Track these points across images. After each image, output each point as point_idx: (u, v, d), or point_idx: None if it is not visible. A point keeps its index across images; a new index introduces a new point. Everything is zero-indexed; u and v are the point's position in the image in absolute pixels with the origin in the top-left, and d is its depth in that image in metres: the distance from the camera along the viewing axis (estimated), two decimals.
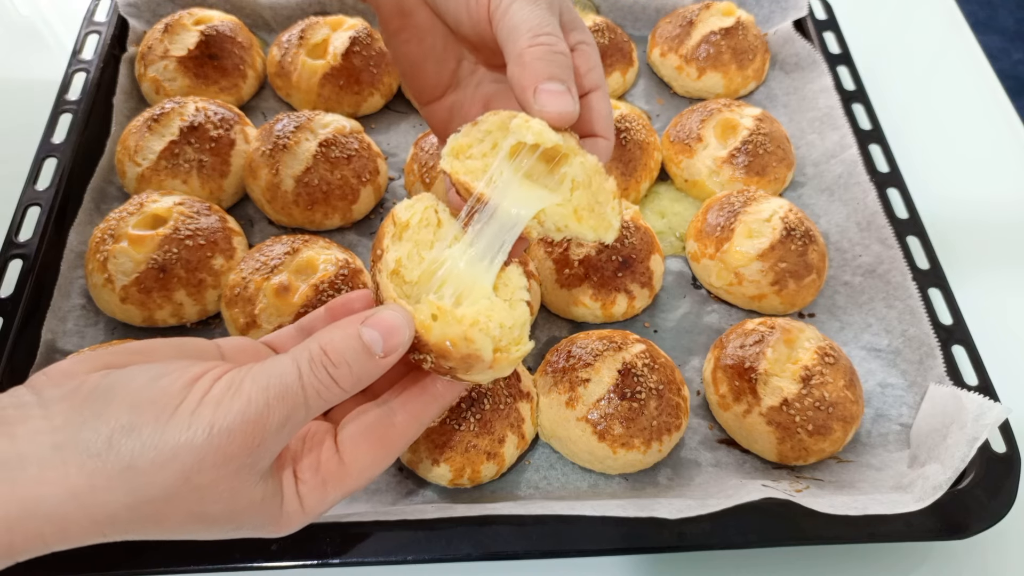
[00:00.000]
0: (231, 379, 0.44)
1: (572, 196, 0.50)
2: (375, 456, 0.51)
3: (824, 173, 0.99)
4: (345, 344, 0.46)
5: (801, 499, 0.68)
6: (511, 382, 0.75)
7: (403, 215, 0.51)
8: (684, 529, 0.66)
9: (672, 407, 0.75)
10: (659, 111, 1.10)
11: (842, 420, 0.75)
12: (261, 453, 0.44)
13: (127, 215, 0.83)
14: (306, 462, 0.50)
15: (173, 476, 0.42)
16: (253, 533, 0.49)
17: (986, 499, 0.69)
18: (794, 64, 1.09)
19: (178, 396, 0.43)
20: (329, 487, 0.50)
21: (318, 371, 0.45)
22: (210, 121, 0.92)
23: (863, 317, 0.88)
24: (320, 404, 0.46)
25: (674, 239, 0.97)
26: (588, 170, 0.50)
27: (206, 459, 0.43)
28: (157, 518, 0.44)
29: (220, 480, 0.44)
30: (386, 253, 0.50)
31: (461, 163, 0.51)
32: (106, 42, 1.03)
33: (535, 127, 0.48)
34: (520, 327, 0.49)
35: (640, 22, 1.17)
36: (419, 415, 0.52)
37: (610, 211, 0.50)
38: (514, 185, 0.50)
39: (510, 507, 0.68)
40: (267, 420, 0.44)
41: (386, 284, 0.49)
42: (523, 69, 0.49)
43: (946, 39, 1.25)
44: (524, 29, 0.50)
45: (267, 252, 0.82)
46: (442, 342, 0.46)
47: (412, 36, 0.60)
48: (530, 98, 0.49)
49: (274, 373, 0.45)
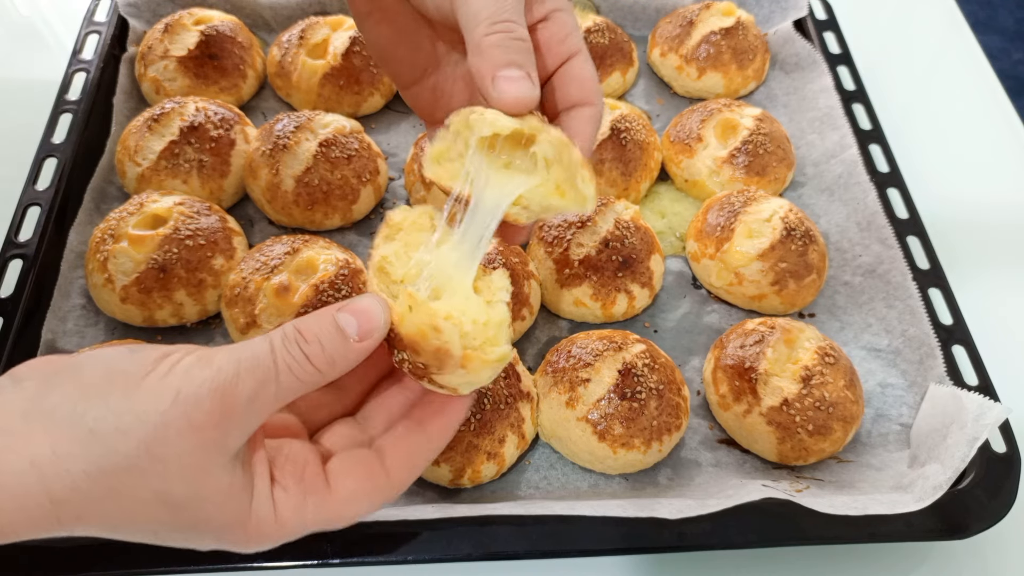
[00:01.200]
0: (203, 353, 0.44)
1: (549, 173, 0.49)
2: (363, 488, 0.48)
3: (824, 173, 0.99)
4: (318, 324, 0.45)
5: (801, 499, 0.68)
6: (511, 382, 0.75)
7: (396, 217, 0.52)
8: (684, 529, 0.66)
9: (672, 407, 0.75)
10: (659, 111, 1.10)
11: (842, 420, 0.75)
12: (229, 427, 0.42)
13: (127, 215, 0.83)
14: (288, 468, 0.47)
15: (135, 443, 0.40)
16: (217, 538, 0.46)
17: (986, 499, 0.69)
18: (794, 64, 1.09)
19: (150, 366, 0.42)
20: (309, 504, 0.47)
21: (291, 347, 0.44)
22: (210, 121, 0.92)
23: (863, 317, 0.88)
24: (292, 381, 0.44)
25: (674, 239, 0.97)
26: (556, 144, 0.49)
27: (170, 425, 0.41)
28: (117, 495, 0.41)
29: (184, 453, 0.41)
30: (375, 251, 0.51)
31: (442, 167, 0.51)
32: (106, 42, 1.03)
33: (488, 118, 0.48)
34: (496, 327, 0.48)
35: (640, 22, 1.17)
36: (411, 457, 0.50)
37: (580, 181, 0.49)
38: (491, 177, 0.50)
39: (510, 507, 0.68)
40: (236, 390, 0.42)
41: (371, 280, 0.50)
42: (481, 57, 0.48)
43: (946, 39, 1.25)
44: (483, 16, 0.49)
45: (267, 252, 0.82)
46: (414, 334, 0.46)
47: (382, 18, 0.59)
48: (488, 86, 0.48)
49: (247, 347, 0.44)
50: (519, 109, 0.48)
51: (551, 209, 0.50)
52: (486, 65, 0.48)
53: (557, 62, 0.52)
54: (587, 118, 0.52)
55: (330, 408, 0.53)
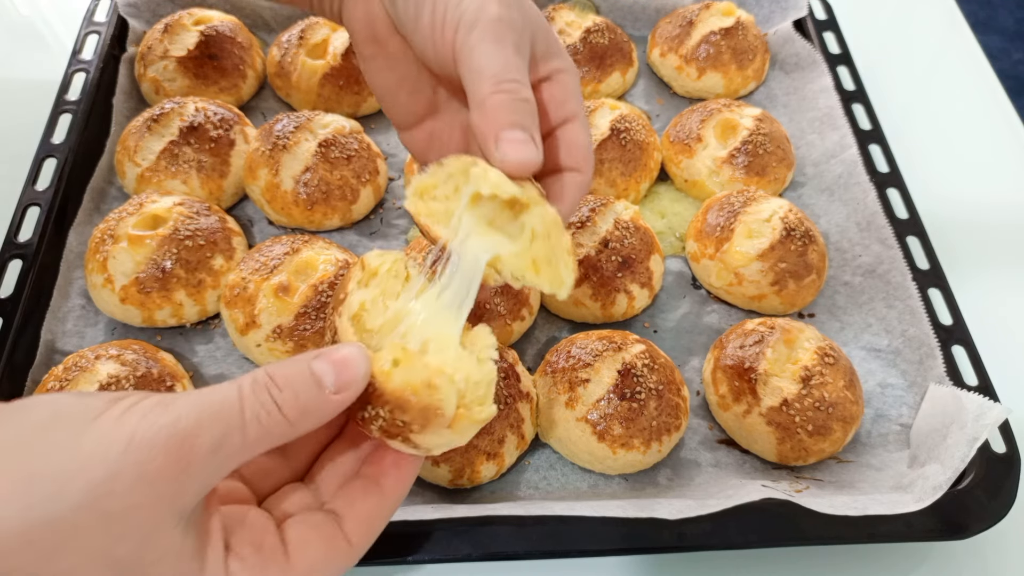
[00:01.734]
0: (163, 397, 0.39)
1: (531, 246, 0.49)
2: (324, 557, 0.45)
3: (824, 173, 0.99)
4: (293, 371, 0.42)
5: (801, 499, 0.68)
6: (510, 382, 0.75)
7: (373, 262, 0.50)
8: (684, 529, 0.66)
9: (672, 407, 0.75)
10: (659, 111, 1.10)
11: (842, 420, 0.75)
12: (186, 482, 0.38)
13: (127, 215, 0.83)
14: (245, 536, 0.43)
15: (80, 492, 0.36)
16: None
17: (986, 499, 0.69)
18: (794, 64, 1.09)
19: (102, 408, 0.38)
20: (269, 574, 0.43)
21: (260, 393, 0.40)
22: (210, 121, 0.92)
23: (863, 317, 0.88)
24: (259, 433, 0.40)
25: (674, 239, 0.96)
26: (547, 222, 0.48)
27: (121, 475, 0.36)
28: (56, 551, 0.36)
29: (133, 509, 0.37)
30: (350, 296, 0.48)
31: (425, 204, 0.50)
32: (106, 42, 1.03)
33: (492, 178, 0.47)
34: (486, 386, 0.46)
35: (640, 22, 1.17)
36: (369, 520, 0.47)
37: (563, 267, 0.48)
38: (474, 232, 0.49)
39: (510, 507, 0.68)
40: (197, 439, 0.38)
41: (345, 327, 0.47)
42: (484, 116, 0.48)
43: (946, 39, 1.25)
44: (488, 74, 0.48)
45: (267, 252, 0.82)
46: (402, 390, 0.43)
47: (385, 64, 0.59)
48: (491, 146, 0.47)
49: (212, 393, 0.40)
50: (521, 173, 0.48)
51: (521, 280, 0.49)
52: (489, 124, 0.47)
53: (554, 124, 0.52)
54: (575, 185, 0.52)
55: (278, 475, 0.50)
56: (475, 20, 0.50)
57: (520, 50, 0.50)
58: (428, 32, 0.52)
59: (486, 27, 0.49)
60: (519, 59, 0.49)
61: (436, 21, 0.51)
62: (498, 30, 0.49)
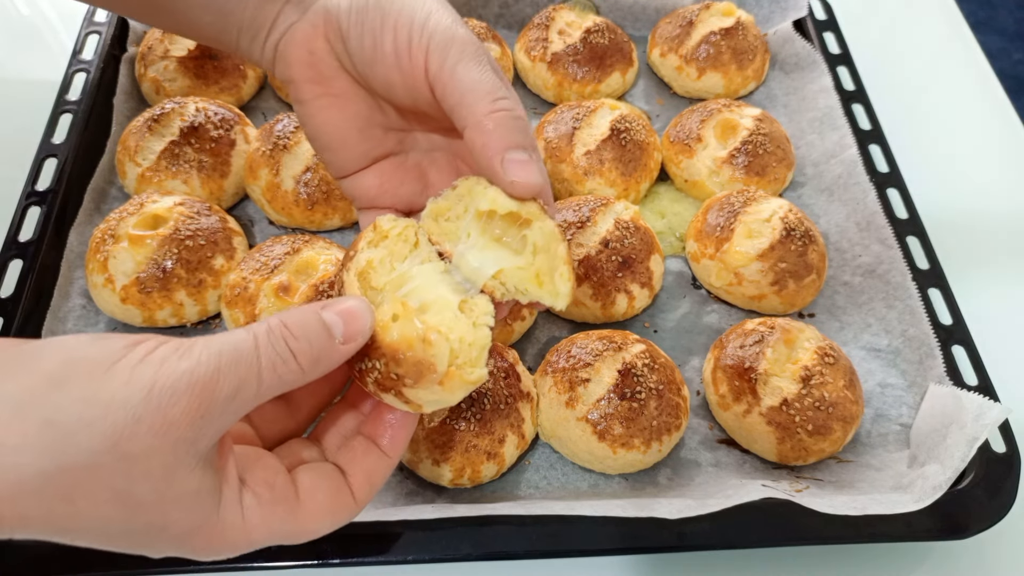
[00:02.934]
0: (179, 343, 0.40)
1: (534, 260, 0.51)
2: (331, 503, 0.47)
3: (824, 173, 0.99)
4: (305, 319, 0.44)
5: (801, 499, 0.68)
6: (511, 382, 0.75)
7: (385, 225, 0.52)
8: (684, 529, 0.66)
9: (672, 407, 0.75)
10: (659, 111, 1.10)
11: (842, 420, 0.75)
12: (204, 427, 0.39)
13: (127, 215, 0.83)
14: (259, 474, 0.45)
15: (100, 437, 0.36)
16: (176, 544, 0.42)
17: (986, 499, 0.70)
18: (794, 64, 1.09)
19: (119, 354, 0.39)
20: (279, 512, 0.45)
21: (276, 342, 0.42)
22: (210, 121, 0.92)
23: (863, 317, 0.88)
24: (274, 380, 0.42)
25: (674, 239, 0.97)
26: (546, 236, 0.50)
27: (142, 421, 0.37)
28: (72, 495, 0.37)
29: (153, 452, 0.38)
30: (359, 253, 0.50)
31: (438, 225, 0.53)
32: (106, 42, 1.03)
33: (490, 195, 0.49)
34: (480, 349, 0.48)
35: (640, 22, 1.17)
36: (371, 476, 0.50)
37: (558, 277, 0.50)
38: (478, 246, 0.51)
39: (510, 507, 0.68)
40: (216, 386, 0.39)
41: (352, 281, 0.49)
42: (486, 137, 0.48)
43: (946, 39, 1.25)
44: (481, 92, 0.49)
45: (267, 252, 0.82)
46: (398, 343, 0.45)
47: (331, 104, 0.57)
48: (497, 167, 0.48)
49: (228, 341, 0.41)
50: (528, 195, 0.49)
51: (525, 293, 0.51)
52: (493, 145, 0.48)
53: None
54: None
55: (283, 424, 0.52)
56: (447, 42, 0.50)
57: (498, 71, 0.51)
58: (392, 61, 0.52)
59: (462, 48, 0.50)
60: (500, 77, 0.50)
61: (400, 48, 0.51)
62: (474, 51, 0.50)
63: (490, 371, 0.74)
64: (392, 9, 0.52)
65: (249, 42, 0.59)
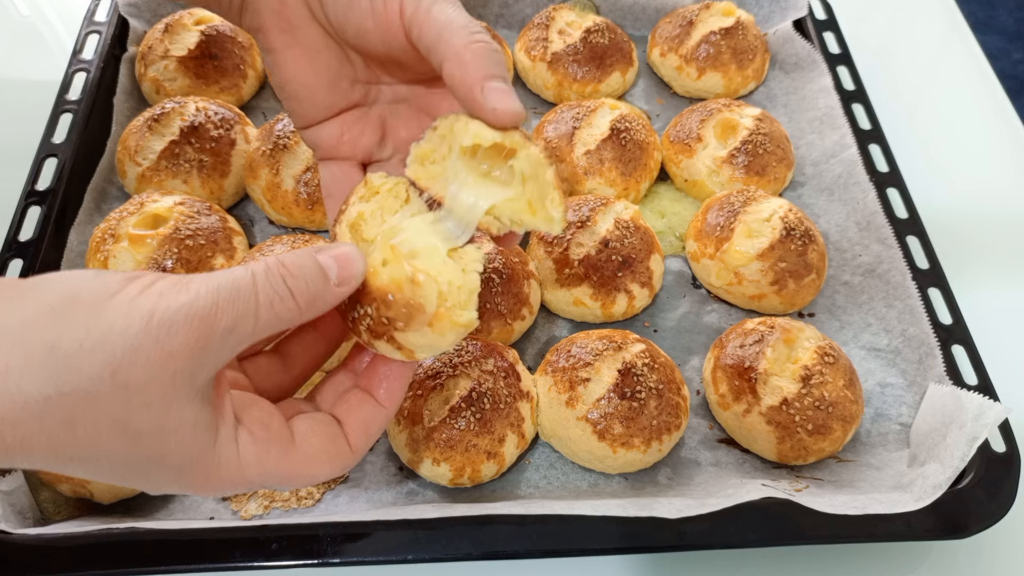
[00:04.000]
0: (178, 277, 0.41)
1: (524, 189, 0.50)
2: (327, 450, 0.48)
3: (824, 173, 0.99)
4: (302, 261, 0.44)
5: (801, 499, 0.68)
6: (511, 381, 0.75)
7: (376, 181, 0.52)
8: (684, 528, 0.66)
9: (672, 407, 0.75)
10: (659, 111, 1.10)
11: (842, 420, 0.75)
12: (202, 360, 0.40)
13: (127, 215, 0.83)
14: (255, 415, 0.46)
15: (100, 365, 0.37)
16: (175, 477, 0.43)
17: (986, 499, 0.69)
18: (794, 64, 1.09)
19: (118, 287, 0.39)
20: (272, 452, 0.45)
21: (274, 280, 0.43)
22: (210, 121, 0.92)
23: (863, 317, 0.88)
24: (271, 317, 0.42)
25: (674, 239, 0.97)
26: (533, 162, 0.49)
27: (141, 350, 0.38)
28: (73, 421, 0.38)
29: (153, 382, 0.38)
30: (350, 207, 0.51)
31: (425, 169, 0.52)
32: (106, 42, 1.03)
33: (472, 128, 0.49)
34: (468, 293, 0.48)
35: (640, 22, 1.17)
36: (367, 426, 0.50)
37: (550, 203, 0.49)
38: (468, 183, 0.50)
39: (510, 506, 0.68)
40: (214, 320, 0.40)
41: (344, 232, 0.50)
42: (465, 68, 0.48)
43: (946, 39, 1.25)
44: (457, 27, 0.49)
45: (267, 252, 0.82)
46: (388, 285, 0.46)
47: (300, 55, 0.57)
48: (478, 95, 0.48)
49: (226, 276, 0.41)
50: (511, 122, 0.49)
51: (521, 224, 0.51)
52: (472, 74, 0.48)
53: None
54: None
55: (278, 378, 0.53)
56: None
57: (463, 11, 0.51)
58: (367, 5, 0.53)
59: None
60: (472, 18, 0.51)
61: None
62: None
63: (489, 371, 0.74)
64: None
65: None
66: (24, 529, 0.65)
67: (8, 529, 0.64)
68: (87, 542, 0.63)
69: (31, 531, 0.64)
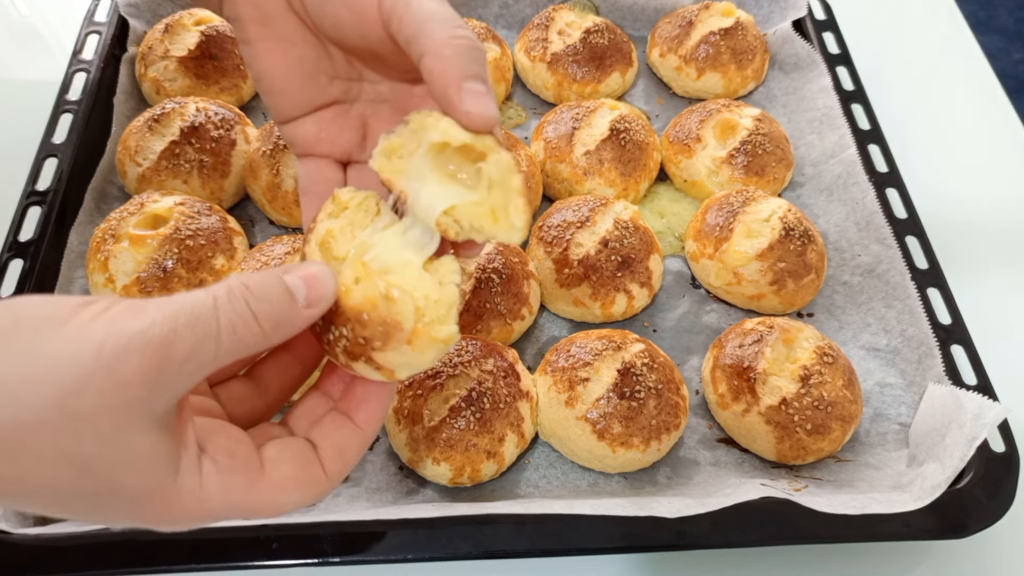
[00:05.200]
0: (133, 302, 0.38)
1: (489, 195, 0.47)
2: (298, 477, 0.45)
3: (823, 173, 0.99)
4: (267, 281, 0.42)
5: (800, 498, 0.68)
6: (511, 381, 0.75)
7: (344, 196, 0.51)
8: (683, 528, 0.66)
9: (671, 406, 0.75)
10: (658, 111, 1.10)
11: (841, 419, 0.75)
12: (158, 388, 0.37)
13: (128, 215, 0.83)
14: (220, 442, 0.43)
15: (46, 396, 0.35)
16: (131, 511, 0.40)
17: (985, 499, 0.70)
18: (793, 64, 1.09)
19: (68, 313, 0.37)
20: (239, 481, 0.42)
21: (236, 302, 0.40)
22: (211, 121, 0.92)
23: (862, 317, 0.88)
24: (234, 342, 0.40)
25: (673, 239, 0.97)
26: (502, 168, 0.47)
27: (90, 380, 0.35)
28: (17, 454, 0.35)
29: (103, 411, 0.36)
30: (319, 224, 0.50)
31: (391, 163, 0.50)
32: (106, 42, 1.03)
33: (442, 126, 0.47)
34: (447, 307, 0.46)
35: (640, 22, 1.17)
36: (343, 451, 0.48)
37: (513, 210, 0.47)
38: (431, 181, 0.48)
39: (510, 506, 0.68)
40: (171, 347, 0.37)
41: (313, 251, 0.48)
42: (444, 64, 0.46)
43: (946, 39, 1.25)
44: (440, 19, 0.47)
45: (268, 252, 0.82)
46: (362, 304, 0.44)
47: (275, 47, 0.56)
48: (454, 95, 0.46)
49: (185, 301, 0.39)
50: (484, 127, 0.47)
51: (481, 231, 0.48)
52: (451, 72, 0.46)
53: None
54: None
55: (251, 404, 0.51)
56: None
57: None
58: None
59: None
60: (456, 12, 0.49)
61: None
62: None
63: (489, 371, 0.74)
64: None
65: None
66: (24, 529, 0.65)
67: (8, 529, 0.64)
68: (87, 542, 0.63)
69: (31, 531, 0.64)
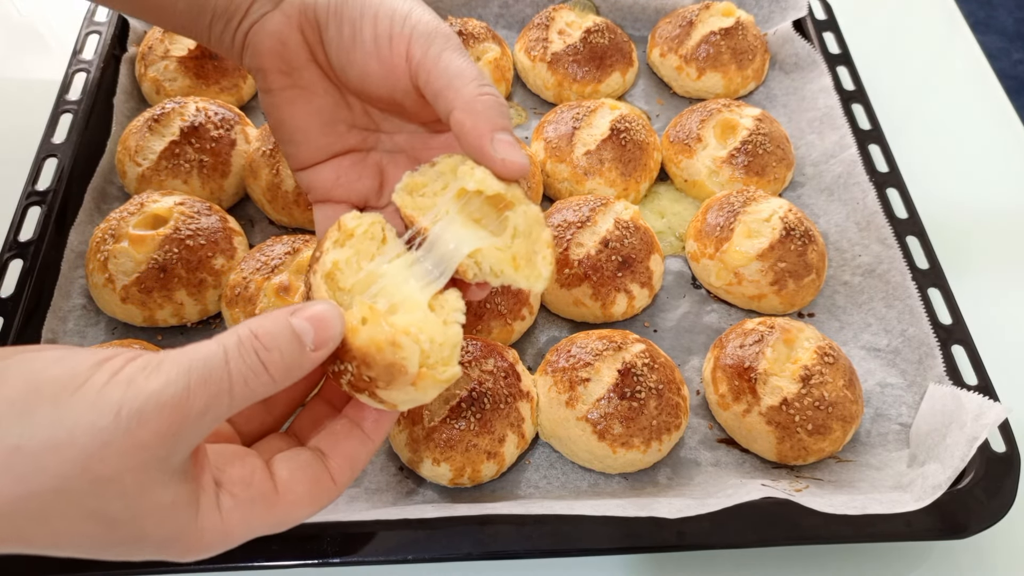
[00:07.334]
0: (147, 360, 0.39)
1: (513, 243, 0.51)
2: (310, 492, 0.47)
3: (823, 173, 0.99)
4: (276, 328, 0.43)
5: (800, 499, 0.68)
6: (511, 381, 0.75)
7: (350, 223, 0.51)
8: (684, 528, 0.66)
9: (672, 407, 0.75)
10: (659, 111, 1.10)
11: (841, 420, 0.75)
12: (176, 445, 0.39)
13: (128, 215, 0.83)
14: (235, 473, 0.45)
15: (69, 463, 0.36)
16: (158, 552, 0.42)
17: (986, 499, 0.70)
18: (794, 64, 1.09)
19: (84, 375, 0.38)
20: (257, 508, 0.44)
21: (247, 355, 0.41)
22: (211, 121, 0.92)
23: (862, 317, 0.88)
24: (246, 393, 0.41)
25: (674, 239, 0.97)
26: (529, 220, 0.51)
27: (111, 445, 0.37)
28: (45, 516, 0.37)
29: (125, 472, 0.37)
30: (325, 255, 0.50)
31: (413, 199, 0.52)
32: (106, 42, 1.03)
33: (478, 175, 0.50)
34: (451, 348, 0.48)
35: (640, 22, 1.17)
36: (352, 459, 0.49)
37: (541, 260, 0.51)
38: (456, 223, 0.51)
39: (510, 507, 0.68)
40: (187, 405, 0.38)
41: (319, 284, 0.48)
42: (476, 118, 0.50)
43: (946, 39, 1.25)
44: (468, 77, 0.51)
45: (268, 252, 0.82)
46: (368, 347, 0.45)
47: (297, 96, 0.58)
48: (487, 146, 0.49)
49: (197, 355, 0.40)
50: (518, 174, 0.50)
51: (500, 275, 0.51)
52: (483, 125, 0.49)
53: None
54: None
55: (260, 420, 0.52)
56: (431, 32, 0.52)
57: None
58: (372, 48, 0.54)
59: (446, 39, 0.52)
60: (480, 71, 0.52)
61: (381, 36, 0.53)
62: (457, 43, 0.52)
63: (489, 371, 0.74)
64: (372, 2, 0.54)
65: (221, 29, 0.59)
66: None
67: None
68: None
69: None
